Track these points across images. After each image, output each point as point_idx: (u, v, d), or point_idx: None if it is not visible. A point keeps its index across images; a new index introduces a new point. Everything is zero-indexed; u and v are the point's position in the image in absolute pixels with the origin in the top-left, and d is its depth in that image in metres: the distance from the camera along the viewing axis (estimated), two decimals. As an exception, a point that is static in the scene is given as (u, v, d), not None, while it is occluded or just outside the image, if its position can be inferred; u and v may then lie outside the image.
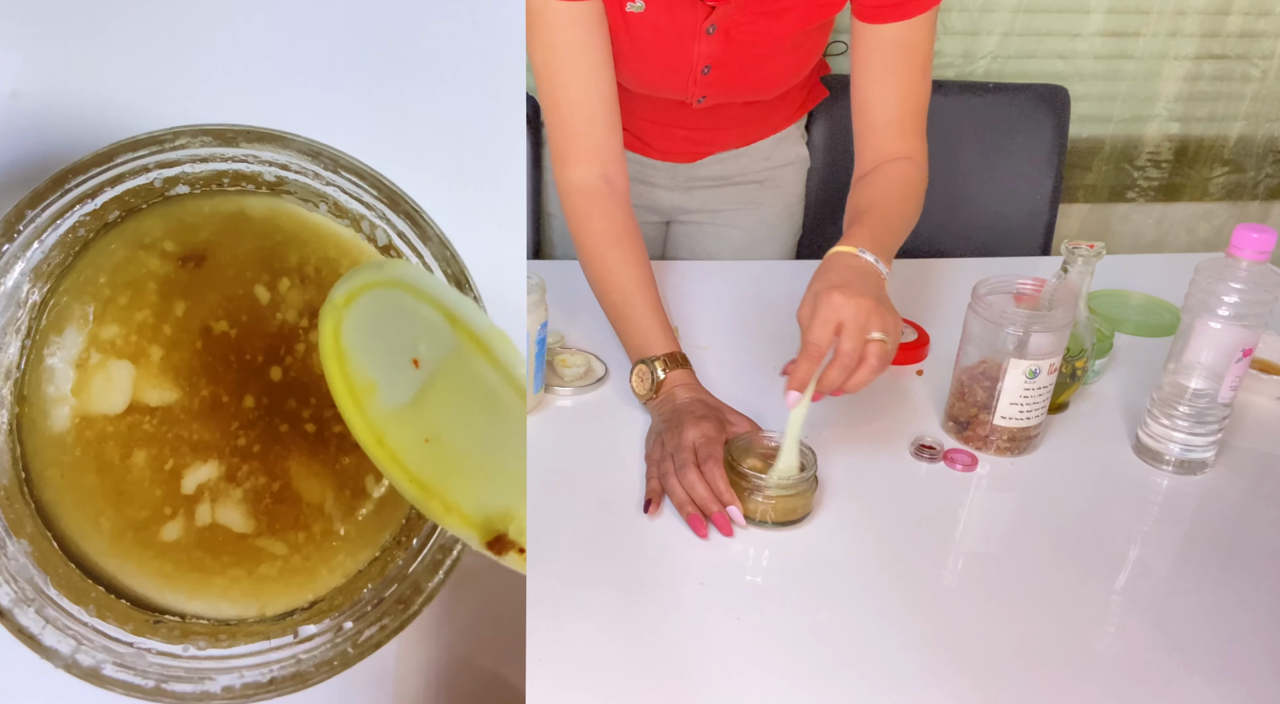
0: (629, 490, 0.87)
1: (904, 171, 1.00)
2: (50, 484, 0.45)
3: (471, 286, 0.47)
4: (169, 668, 0.45)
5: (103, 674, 0.44)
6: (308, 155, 0.44)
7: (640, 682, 0.68)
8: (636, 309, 0.97)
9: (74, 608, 0.45)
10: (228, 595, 0.47)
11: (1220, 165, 1.91)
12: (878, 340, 0.80)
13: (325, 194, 0.45)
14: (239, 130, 0.43)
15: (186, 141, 0.43)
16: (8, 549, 0.44)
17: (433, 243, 0.45)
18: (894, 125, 1.01)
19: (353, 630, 0.47)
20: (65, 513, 0.46)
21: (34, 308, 0.44)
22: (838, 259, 0.87)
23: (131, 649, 0.45)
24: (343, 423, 0.44)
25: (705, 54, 1.06)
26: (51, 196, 0.42)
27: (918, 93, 1.01)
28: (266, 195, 0.46)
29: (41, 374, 0.45)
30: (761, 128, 1.27)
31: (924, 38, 0.99)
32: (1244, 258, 0.84)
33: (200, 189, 0.45)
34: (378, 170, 0.45)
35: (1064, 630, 0.74)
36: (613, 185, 1.01)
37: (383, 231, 0.46)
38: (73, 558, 0.46)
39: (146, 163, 0.43)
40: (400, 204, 0.45)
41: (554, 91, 0.99)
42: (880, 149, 1.01)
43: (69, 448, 0.45)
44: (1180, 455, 0.92)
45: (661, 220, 1.36)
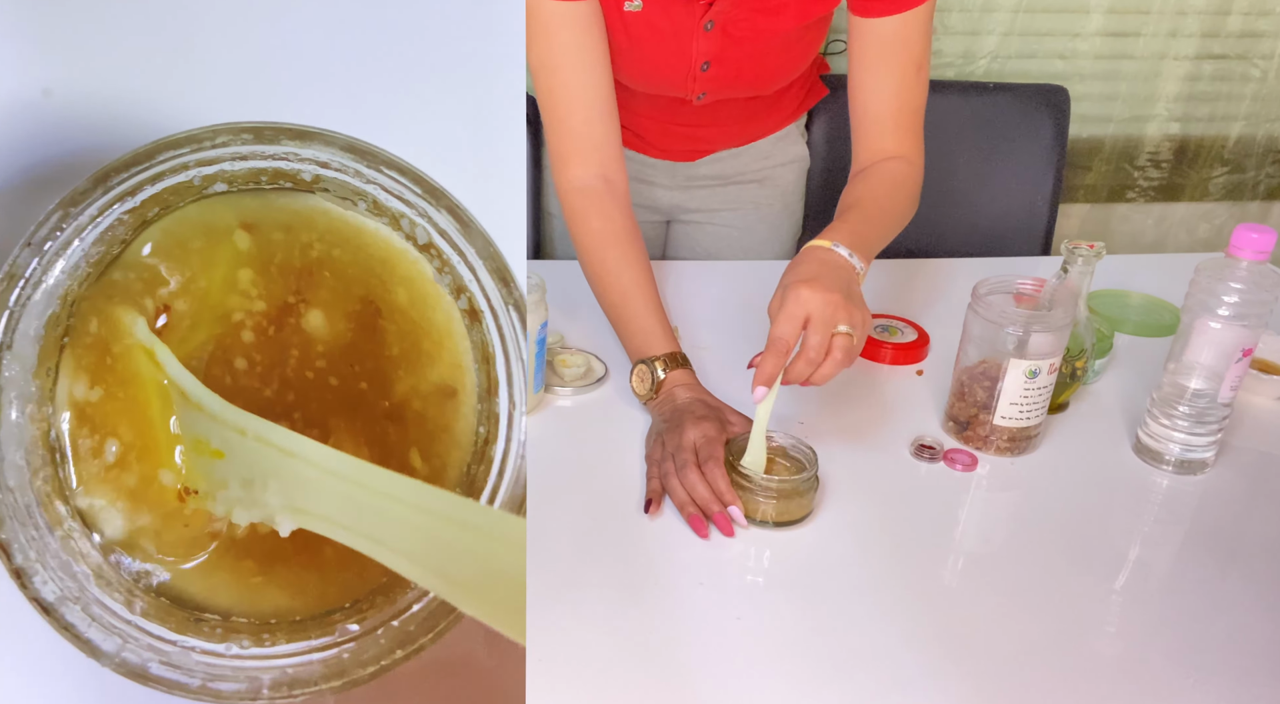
0: (629, 490, 0.87)
1: (896, 170, 1.00)
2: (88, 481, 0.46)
3: (515, 284, 0.46)
4: (214, 666, 0.45)
5: (150, 673, 0.44)
6: (349, 152, 0.44)
7: (640, 682, 0.68)
8: (636, 309, 0.97)
9: (117, 606, 0.45)
10: (267, 594, 0.47)
11: (1220, 165, 1.91)
12: (844, 333, 0.81)
13: (365, 191, 0.45)
14: (280, 128, 0.44)
15: (227, 139, 0.43)
16: (50, 546, 0.44)
17: (476, 239, 0.45)
18: (888, 122, 1.01)
19: (399, 631, 0.47)
20: (104, 510, 0.46)
21: (74, 304, 0.44)
22: (810, 253, 0.87)
23: (175, 648, 0.45)
24: (387, 404, 0.45)
25: (704, 50, 1.06)
26: (93, 195, 0.43)
27: (912, 90, 1.01)
28: (303, 193, 0.46)
29: (78, 371, 0.45)
30: (761, 126, 1.27)
31: (918, 34, 0.99)
32: (1244, 258, 0.84)
33: (238, 187, 0.45)
34: (419, 167, 0.45)
35: (1064, 630, 0.74)
36: (612, 185, 1.01)
37: (423, 230, 0.46)
38: (112, 556, 0.46)
39: (186, 161, 0.44)
40: (443, 199, 0.45)
41: (552, 92, 0.99)
42: (875, 147, 1.01)
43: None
44: (1180, 455, 0.92)
45: (661, 219, 1.37)
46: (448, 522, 0.45)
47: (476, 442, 0.47)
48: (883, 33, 0.98)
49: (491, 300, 0.46)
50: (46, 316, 0.44)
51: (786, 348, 0.81)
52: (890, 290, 1.23)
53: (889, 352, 1.08)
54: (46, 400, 0.45)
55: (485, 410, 0.47)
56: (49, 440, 0.45)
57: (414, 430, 0.47)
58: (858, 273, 0.87)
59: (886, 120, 1.01)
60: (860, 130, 1.03)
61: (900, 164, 1.01)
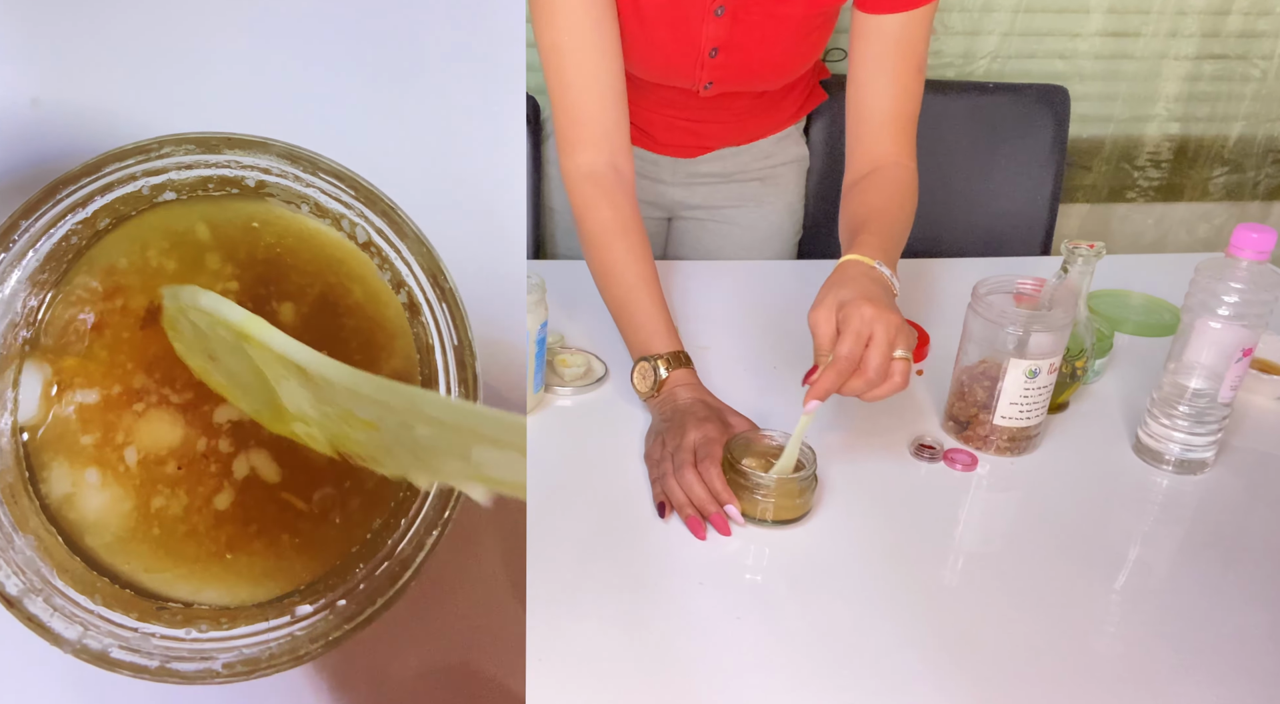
0: (629, 490, 0.87)
1: (901, 179, 1.00)
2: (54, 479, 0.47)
3: (448, 278, 0.48)
4: (172, 649, 0.47)
5: (110, 657, 0.47)
6: (287, 159, 0.46)
7: (640, 682, 0.68)
8: (641, 305, 0.97)
9: (80, 597, 0.47)
10: (228, 583, 0.48)
11: (1220, 165, 1.92)
12: (902, 358, 0.81)
13: (306, 195, 0.47)
14: (221, 137, 0.45)
15: (171, 149, 0.45)
16: (15, 543, 0.46)
17: (409, 239, 0.47)
18: (887, 125, 1.01)
19: (346, 608, 0.49)
20: (70, 508, 0.47)
21: (31, 312, 0.45)
22: (856, 268, 0.86)
23: (136, 634, 0.47)
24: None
25: (713, 36, 1.06)
26: (45, 206, 0.44)
27: (911, 93, 1.01)
28: (252, 199, 0.47)
29: (52, 371, 0.46)
30: (763, 125, 1.27)
31: (920, 35, 0.99)
32: (1244, 258, 0.84)
33: (187, 194, 0.46)
34: (354, 172, 0.47)
35: (1064, 630, 0.74)
36: (620, 174, 1.00)
37: (361, 229, 0.47)
38: (78, 552, 0.47)
39: (134, 171, 0.45)
40: (377, 202, 0.47)
41: (563, 75, 0.98)
42: (873, 149, 1.01)
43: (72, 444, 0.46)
44: (1180, 455, 0.92)
45: (664, 216, 1.37)
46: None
47: None
48: (886, 31, 0.98)
49: (427, 294, 0.48)
50: (5, 323, 0.45)
51: (853, 367, 0.80)
52: (890, 290, 1.23)
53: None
54: (7, 406, 0.46)
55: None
56: (17, 442, 0.46)
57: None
58: (895, 293, 0.88)
59: (885, 123, 1.01)
60: (858, 131, 1.03)
61: (902, 171, 1.01)
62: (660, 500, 0.84)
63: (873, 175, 1.01)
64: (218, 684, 0.48)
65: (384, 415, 0.47)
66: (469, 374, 0.49)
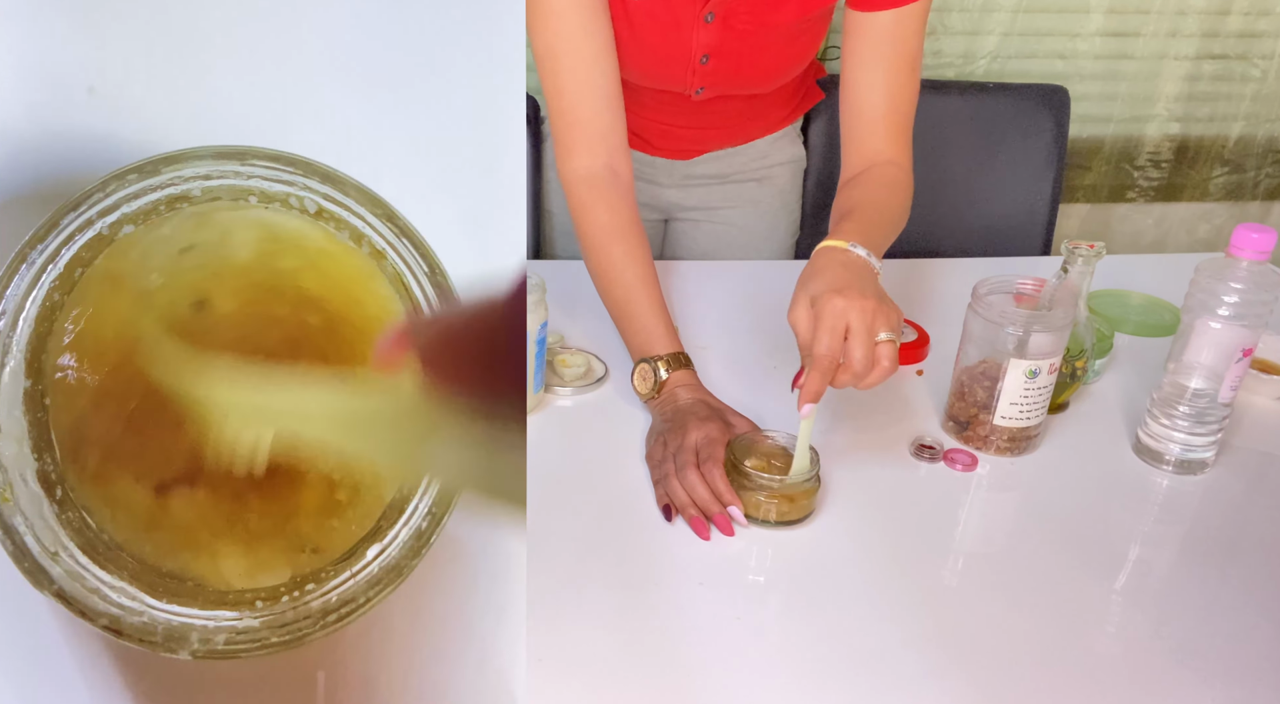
0: (629, 490, 0.87)
1: (892, 174, 1.00)
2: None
3: (400, 216, 0.49)
4: (178, 626, 0.48)
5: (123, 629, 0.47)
6: (221, 158, 0.46)
7: (640, 682, 0.68)
8: (640, 307, 0.97)
9: (103, 574, 0.47)
10: (224, 568, 0.49)
11: (1220, 165, 1.92)
12: (887, 341, 0.79)
13: (250, 187, 0.47)
14: (157, 159, 0.45)
15: (115, 185, 0.45)
16: (44, 511, 0.46)
17: (350, 191, 0.48)
18: (881, 123, 1.00)
19: (322, 606, 0.50)
20: (90, 504, 0.47)
21: (34, 355, 0.46)
22: (829, 255, 0.86)
23: (152, 610, 0.48)
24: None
25: (704, 43, 1.06)
26: (19, 273, 0.45)
27: (905, 89, 1.00)
28: (205, 203, 0.48)
29: (54, 367, 0.47)
30: (758, 126, 1.27)
31: (913, 31, 0.98)
32: (1244, 258, 0.84)
33: (142, 222, 0.47)
34: (289, 151, 0.47)
35: (1064, 630, 0.74)
36: (618, 176, 1.00)
37: (310, 200, 0.48)
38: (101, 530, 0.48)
39: (89, 216, 0.45)
40: (314, 170, 0.47)
41: (558, 78, 0.99)
42: (867, 148, 1.01)
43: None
44: (1180, 455, 0.92)
45: (660, 218, 1.37)
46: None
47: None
48: (878, 27, 0.98)
49: (385, 238, 0.49)
50: (14, 371, 0.46)
51: (833, 364, 0.79)
52: (890, 290, 1.23)
53: (889, 351, 1.08)
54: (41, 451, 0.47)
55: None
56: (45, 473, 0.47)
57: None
58: (877, 272, 0.86)
59: (879, 120, 1.00)
60: (852, 130, 1.02)
61: (893, 169, 1.00)
62: (664, 503, 0.84)
63: (864, 173, 1.00)
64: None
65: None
66: (447, 291, 0.50)
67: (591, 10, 0.97)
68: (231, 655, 0.48)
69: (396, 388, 0.41)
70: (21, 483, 0.46)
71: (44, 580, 0.45)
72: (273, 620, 0.49)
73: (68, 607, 0.46)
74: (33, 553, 0.45)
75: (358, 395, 0.43)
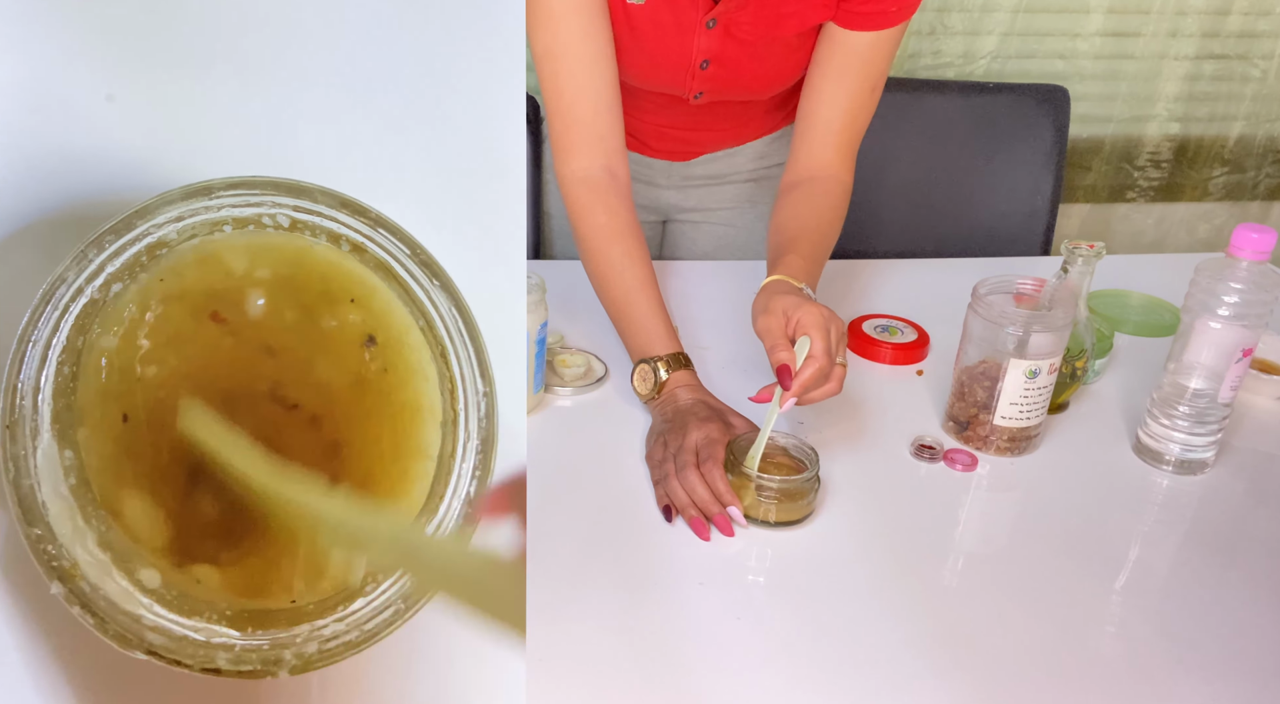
0: (629, 490, 0.87)
1: (835, 193, 1.04)
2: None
3: (373, 211, 0.49)
4: (269, 650, 0.49)
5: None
6: (189, 198, 0.47)
7: (640, 682, 0.68)
8: (639, 308, 0.97)
9: (188, 621, 0.48)
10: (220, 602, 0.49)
11: (1220, 165, 1.92)
12: (840, 364, 0.85)
13: (221, 218, 0.48)
14: (129, 215, 0.46)
15: (94, 253, 0.46)
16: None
17: (320, 197, 0.48)
18: (835, 137, 1.04)
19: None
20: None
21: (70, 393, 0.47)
22: (787, 288, 0.90)
23: (242, 642, 0.48)
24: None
25: (704, 48, 1.06)
26: (26, 356, 0.45)
27: (864, 109, 1.04)
28: (183, 243, 0.48)
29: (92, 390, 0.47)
30: (755, 128, 1.27)
31: (885, 53, 1.02)
32: (1244, 258, 0.84)
33: (128, 279, 0.47)
34: (254, 175, 0.48)
35: (1064, 630, 0.74)
36: (615, 178, 1.01)
37: (283, 216, 0.48)
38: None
39: (80, 285, 0.46)
40: (281, 186, 0.48)
41: (557, 80, 0.99)
42: (816, 157, 1.05)
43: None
44: (1180, 455, 0.92)
45: (658, 219, 1.37)
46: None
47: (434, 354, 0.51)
48: (853, 45, 1.01)
49: (362, 232, 0.49)
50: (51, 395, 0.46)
51: (830, 365, 0.83)
52: (890, 290, 1.24)
53: (889, 352, 1.08)
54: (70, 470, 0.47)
55: (428, 331, 0.51)
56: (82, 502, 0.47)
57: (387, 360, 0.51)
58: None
59: (833, 134, 1.04)
60: (804, 136, 1.06)
61: (836, 186, 1.04)
62: (665, 503, 0.84)
63: (810, 185, 1.04)
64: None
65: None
66: (434, 268, 0.50)
67: (591, 13, 0.97)
68: (327, 660, 0.49)
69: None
70: (85, 554, 0.46)
71: (133, 641, 0.46)
72: (354, 620, 0.49)
73: (161, 660, 0.46)
74: (116, 618, 0.46)
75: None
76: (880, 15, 0.99)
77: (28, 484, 0.44)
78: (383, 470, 0.50)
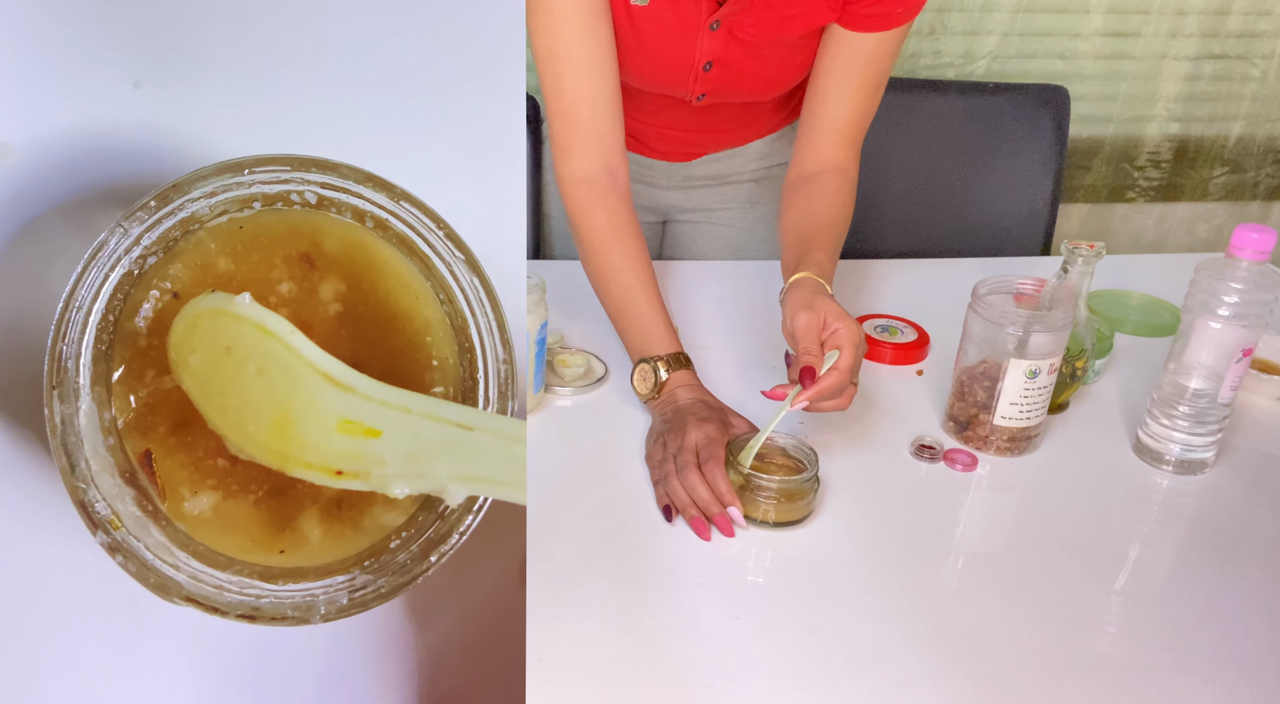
0: (629, 490, 0.87)
1: (845, 188, 1.05)
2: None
3: (399, 188, 0.50)
4: (303, 599, 0.50)
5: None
6: (220, 173, 0.48)
7: (640, 682, 0.68)
8: (639, 307, 0.97)
9: (220, 573, 0.50)
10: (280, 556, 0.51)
11: (1220, 165, 1.92)
12: (854, 385, 0.86)
13: (251, 194, 0.49)
14: (165, 189, 0.47)
15: (133, 226, 0.47)
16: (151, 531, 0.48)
17: (347, 173, 0.49)
18: (839, 132, 1.05)
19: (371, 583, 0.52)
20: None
21: (117, 319, 0.48)
22: (819, 288, 0.90)
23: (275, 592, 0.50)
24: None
25: (707, 50, 1.06)
26: (69, 320, 0.47)
27: (868, 105, 1.05)
28: (214, 219, 0.49)
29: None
30: (757, 128, 1.27)
31: (889, 53, 1.02)
32: (1244, 258, 0.84)
33: (162, 251, 0.48)
34: (279, 152, 0.49)
35: (1064, 630, 0.74)
36: (615, 178, 1.01)
37: (311, 192, 0.50)
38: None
39: (119, 255, 0.47)
40: (309, 163, 0.49)
41: (558, 81, 0.99)
42: (822, 153, 1.05)
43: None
44: (1180, 455, 0.92)
45: (658, 220, 1.37)
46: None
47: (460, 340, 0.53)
48: (858, 46, 1.01)
49: (385, 208, 0.50)
50: (94, 337, 0.48)
51: (849, 378, 0.84)
52: (890, 290, 1.23)
53: (889, 352, 1.08)
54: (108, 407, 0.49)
55: (449, 303, 0.52)
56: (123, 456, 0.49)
57: (425, 357, 0.52)
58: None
59: (838, 131, 1.05)
60: (810, 133, 1.06)
61: (844, 180, 1.05)
62: (665, 503, 0.84)
63: (819, 179, 1.04)
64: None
65: (393, 421, 0.48)
66: (458, 241, 0.51)
67: (593, 13, 0.97)
68: (359, 608, 0.50)
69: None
70: (125, 509, 0.48)
71: (172, 588, 0.48)
72: (382, 569, 0.51)
73: (199, 607, 0.48)
74: (155, 567, 0.48)
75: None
76: (886, 16, 0.99)
77: (73, 442, 0.47)
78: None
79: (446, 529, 0.51)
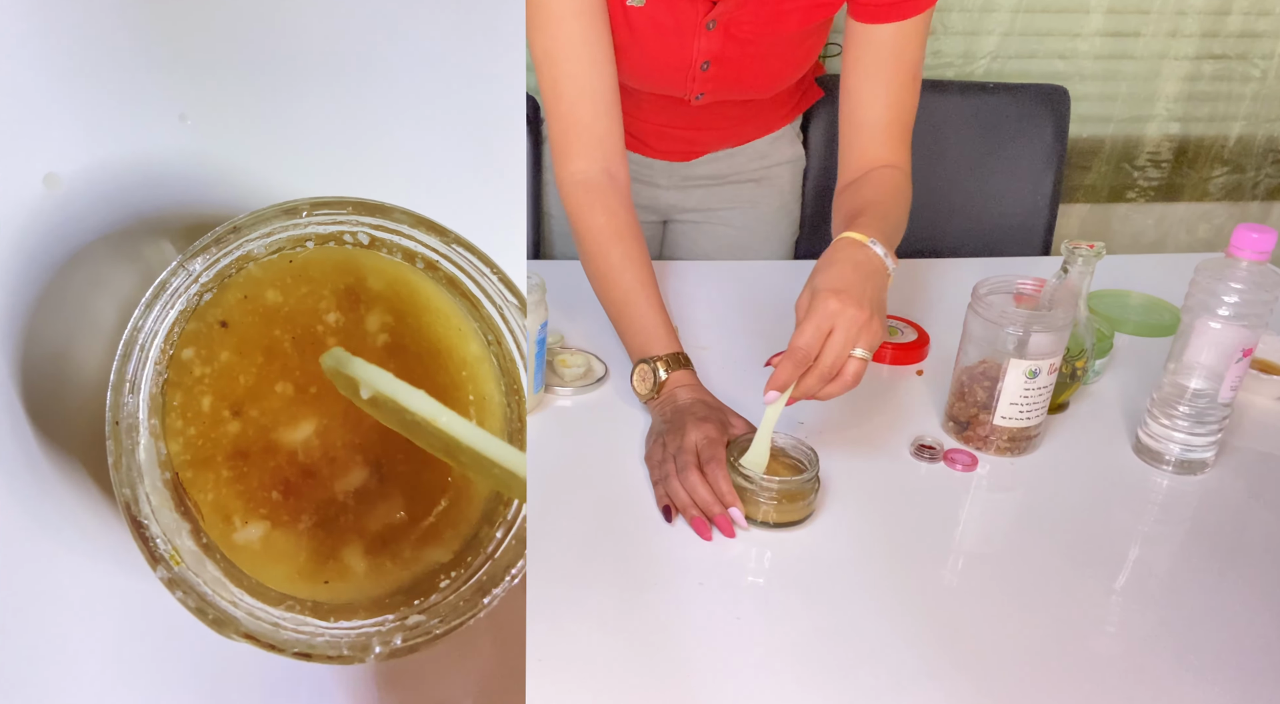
0: (629, 490, 0.87)
1: (894, 177, 1.00)
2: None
3: (441, 226, 0.51)
4: (357, 637, 0.50)
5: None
6: (279, 217, 0.49)
7: (640, 682, 0.68)
8: (639, 308, 0.97)
9: (275, 611, 0.50)
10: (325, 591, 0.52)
11: (1220, 165, 1.92)
12: (859, 358, 0.81)
13: (305, 234, 0.50)
14: (225, 230, 0.48)
15: (194, 264, 0.48)
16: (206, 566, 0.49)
17: (390, 213, 0.50)
18: (881, 131, 1.01)
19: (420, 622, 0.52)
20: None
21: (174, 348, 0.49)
22: (847, 249, 0.86)
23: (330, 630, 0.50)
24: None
25: (705, 49, 1.06)
26: (132, 357, 0.47)
27: (906, 99, 1.01)
28: (267, 258, 0.50)
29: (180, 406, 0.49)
30: (757, 127, 1.27)
31: (915, 43, 0.99)
32: (1244, 258, 0.84)
33: (218, 288, 0.50)
34: (342, 194, 0.50)
35: (1064, 630, 0.74)
36: (615, 180, 1.01)
37: (364, 234, 0.51)
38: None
39: (177, 290, 0.48)
40: (363, 206, 0.50)
41: (556, 83, 0.99)
42: (867, 154, 1.01)
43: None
44: (1180, 455, 0.92)
45: (658, 220, 1.37)
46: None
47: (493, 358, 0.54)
48: (880, 40, 0.98)
49: (437, 250, 0.51)
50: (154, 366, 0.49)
51: (807, 360, 0.80)
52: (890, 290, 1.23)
53: (889, 352, 1.08)
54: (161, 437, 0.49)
55: (496, 344, 0.53)
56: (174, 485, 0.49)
57: (463, 394, 0.53)
58: (889, 276, 0.87)
59: (879, 129, 1.01)
60: (852, 137, 1.03)
61: (895, 173, 1.01)
62: (665, 503, 0.84)
63: (866, 176, 1.01)
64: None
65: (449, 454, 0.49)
66: (510, 285, 0.52)
67: (591, 15, 0.97)
68: (411, 651, 0.50)
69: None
70: (183, 543, 0.48)
71: (230, 625, 0.48)
72: (434, 610, 0.51)
73: (257, 644, 0.48)
74: (214, 602, 0.48)
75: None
76: (900, 5, 0.96)
77: (135, 478, 0.47)
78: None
79: (498, 571, 0.51)
